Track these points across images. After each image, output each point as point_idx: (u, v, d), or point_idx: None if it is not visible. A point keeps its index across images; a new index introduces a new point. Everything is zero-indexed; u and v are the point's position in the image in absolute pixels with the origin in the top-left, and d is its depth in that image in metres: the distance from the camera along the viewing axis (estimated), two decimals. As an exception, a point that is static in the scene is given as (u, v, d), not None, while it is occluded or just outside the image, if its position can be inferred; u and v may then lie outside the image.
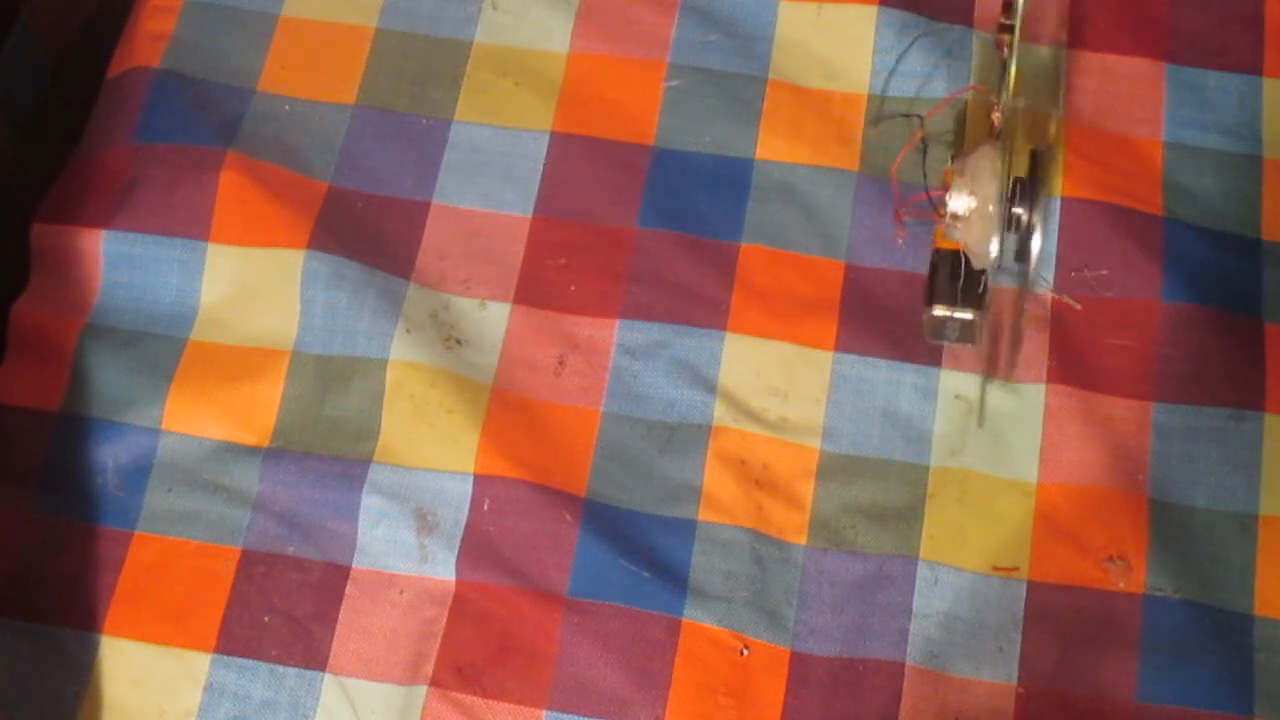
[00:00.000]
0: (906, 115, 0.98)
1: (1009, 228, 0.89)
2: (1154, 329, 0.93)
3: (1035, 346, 0.93)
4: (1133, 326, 0.93)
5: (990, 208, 0.85)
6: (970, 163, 0.86)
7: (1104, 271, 0.95)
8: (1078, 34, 1.01)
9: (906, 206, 0.94)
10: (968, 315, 0.89)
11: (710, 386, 0.93)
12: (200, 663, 0.88)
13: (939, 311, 0.89)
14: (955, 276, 0.89)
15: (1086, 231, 0.95)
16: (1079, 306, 0.94)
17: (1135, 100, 0.99)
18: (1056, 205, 0.96)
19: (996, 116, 0.90)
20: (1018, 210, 0.89)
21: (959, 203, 0.86)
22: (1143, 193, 0.96)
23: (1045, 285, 0.94)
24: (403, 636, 0.88)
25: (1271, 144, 0.98)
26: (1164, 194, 0.97)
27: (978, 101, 0.98)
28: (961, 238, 0.87)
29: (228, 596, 0.89)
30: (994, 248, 0.86)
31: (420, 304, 0.94)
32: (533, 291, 0.95)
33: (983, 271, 0.88)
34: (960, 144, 0.96)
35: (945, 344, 0.92)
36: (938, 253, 0.90)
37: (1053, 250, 0.95)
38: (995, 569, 0.89)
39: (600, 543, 0.89)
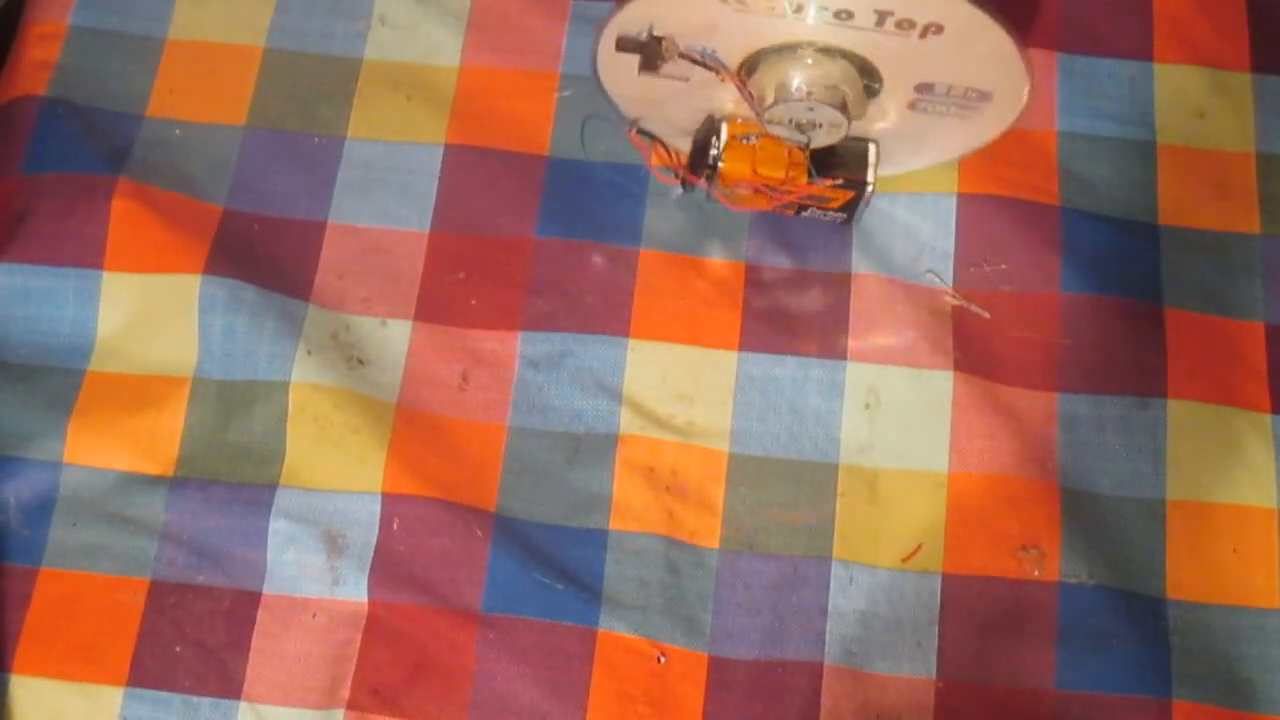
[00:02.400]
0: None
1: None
2: (1055, 321, 0.94)
3: (938, 336, 0.93)
4: (1034, 319, 0.94)
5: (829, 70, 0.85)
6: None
7: (1003, 266, 0.95)
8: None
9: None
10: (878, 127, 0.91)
11: (615, 395, 0.92)
12: (113, 697, 0.86)
13: (869, 183, 0.91)
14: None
15: (983, 226, 0.95)
16: (987, 315, 0.94)
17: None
18: (953, 203, 0.96)
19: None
20: None
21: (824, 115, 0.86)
22: (1039, 183, 0.97)
23: (940, 280, 0.95)
24: (317, 661, 0.87)
25: (1165, 129, 0.99)
26: (1060, 184, 0.97)
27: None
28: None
29: (138, 629, 0.88)
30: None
31: (320, 325, 0.94)
32: (433, 307, 0.94)
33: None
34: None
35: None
36: (814, 173, 0.90)
37: (950, 247, 0.96)
38: (904, 559, 0.89)
39: (512, 557, 0.89)
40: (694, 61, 0.85)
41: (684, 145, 0.94)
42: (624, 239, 0.96)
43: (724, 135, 0.90)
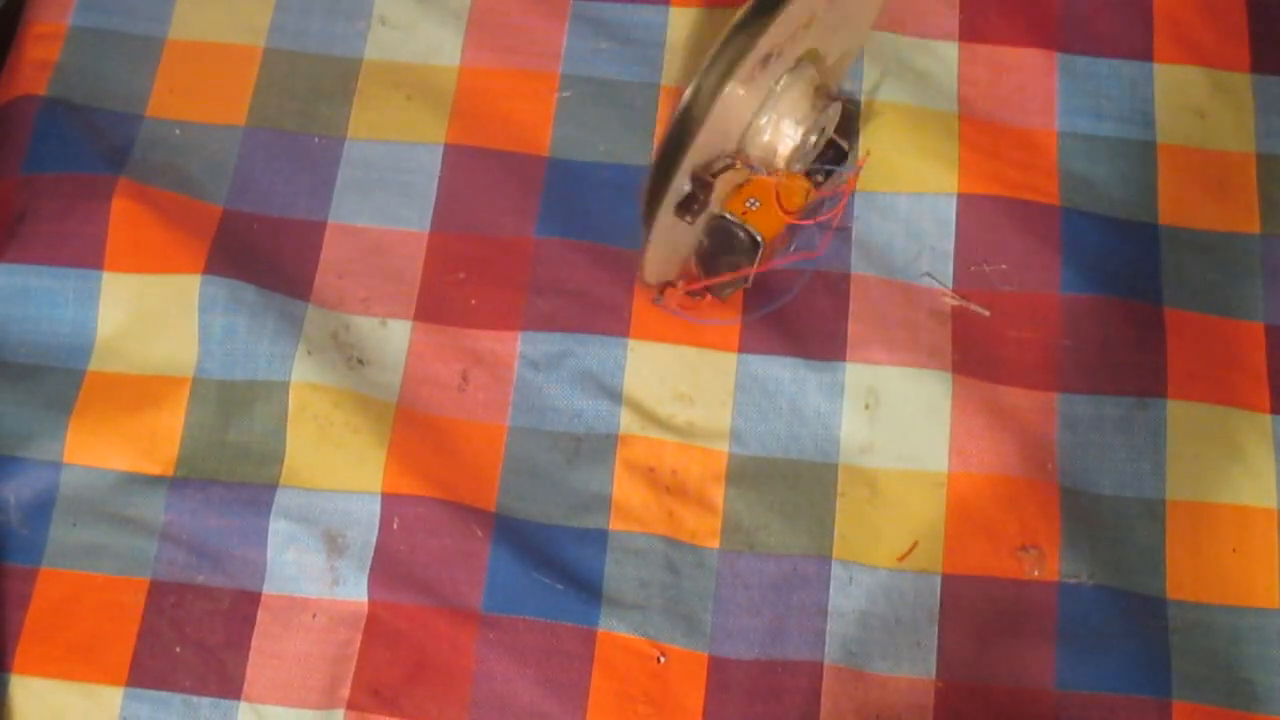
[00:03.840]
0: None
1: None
2: (1055, 321, 0.94)
3: (938, 337, 0.93)
4: (1033, 320, 0.94)
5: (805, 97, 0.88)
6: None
7: (1003, 265, 0.95)
8: (968, 26, 1.01)
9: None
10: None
11: (615, 395, 0.92)
12: (113, 697, 0.86)
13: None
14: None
15: (984, 226, 0.96)
16: (986, 314, 0.94)
17: (1028, 91, 1.00)
18: (953, 203, 0.96)
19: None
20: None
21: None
22: (1039, 183, 0.97)
23: (936, 282, 0.95)
24: (317, 661, 0.87)
25: (1165, 129, 0.99)
26: (1060, 184, 0.97)
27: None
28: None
29: (138, 629, 0.88)
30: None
31: (320, 325, 0.94)
32: (433, 307, 0.94)
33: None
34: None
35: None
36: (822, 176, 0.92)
37: (950, 247, 0.96)
38: (899, 558, 0.89)
39: (512, 557, 0.89)
40: (721, 171, 0.86)
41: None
42: (624, 239, 0.96)
43: (735, 218, 0.90)
